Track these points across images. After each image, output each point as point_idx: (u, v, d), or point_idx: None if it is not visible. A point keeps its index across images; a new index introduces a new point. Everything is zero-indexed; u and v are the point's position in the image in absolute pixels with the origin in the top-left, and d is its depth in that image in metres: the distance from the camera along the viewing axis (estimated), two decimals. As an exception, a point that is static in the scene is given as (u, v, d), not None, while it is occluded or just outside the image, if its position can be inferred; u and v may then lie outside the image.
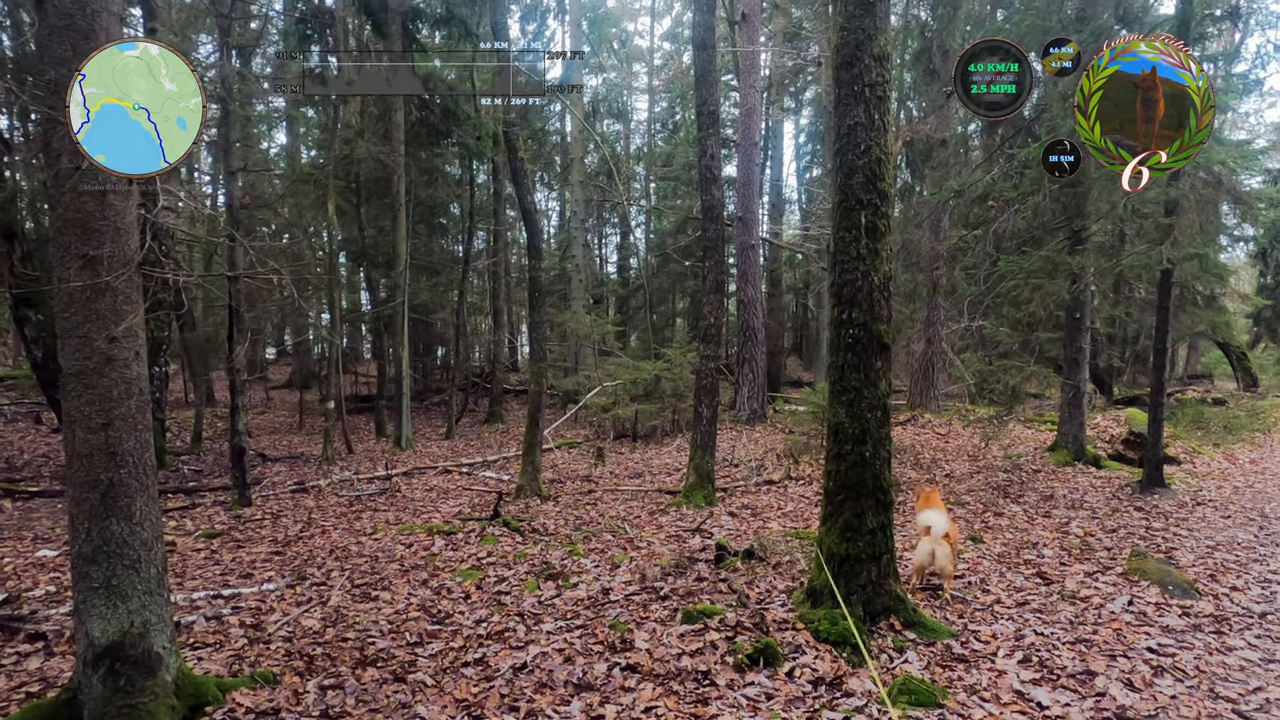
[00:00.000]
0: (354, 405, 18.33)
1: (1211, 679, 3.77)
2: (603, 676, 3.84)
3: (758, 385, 14.21)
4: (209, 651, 4.30)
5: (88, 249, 3.12)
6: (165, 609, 3.38)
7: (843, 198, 4.20)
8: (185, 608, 5.03)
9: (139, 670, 3.22)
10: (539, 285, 8.85)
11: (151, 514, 3.33)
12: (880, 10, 4.08)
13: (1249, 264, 34.19)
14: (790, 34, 19.81)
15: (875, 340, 4.19)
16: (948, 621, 4.49)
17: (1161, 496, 8.42)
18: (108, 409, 3.17)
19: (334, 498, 9.26)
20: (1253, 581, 5.47)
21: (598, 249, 30.23)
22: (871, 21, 4.06)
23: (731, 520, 7.54)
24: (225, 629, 4.66)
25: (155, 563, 3.33)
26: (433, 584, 5.54)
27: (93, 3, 3.13)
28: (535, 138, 22.68)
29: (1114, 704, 3.45)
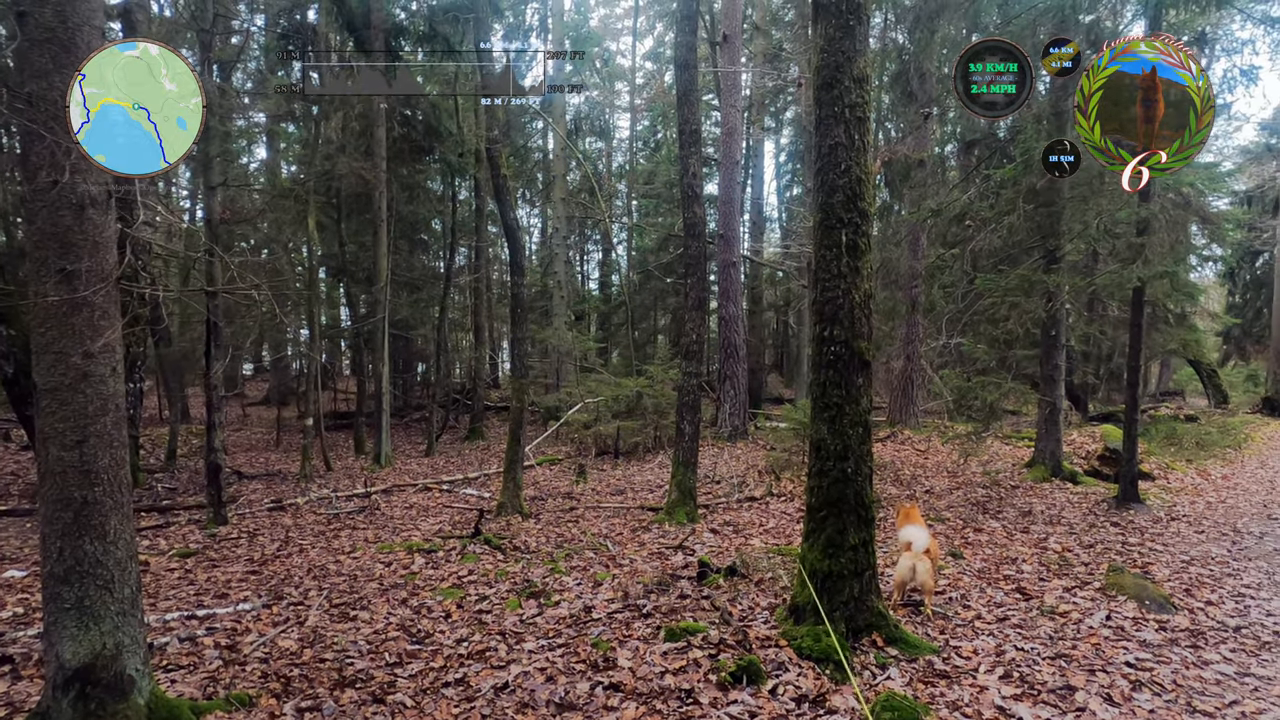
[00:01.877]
0: (333, 422, 18.13)
1: (1189, 693, 3.81)
2: (585, 696, 3.81)
3: (739, 402, 14.25)
4: (183, 674, 4.21)
5: (65, 263, 3.08)
6: (139, 630, 3.31)
7: (824, 216, 4.25)
8: (159, 629, 4.93)
9: (111, 694, 3.14)
10: (521, 301, 8.84)
11: (126, 533, 3.27)
12: (860, 33, 4.16)
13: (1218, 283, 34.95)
14: (771, 55, 20.09)
15: (856, 357, 4.23)
16: (929, 637, 4.50)
17: (1137, 512, 8.52)
18: (83, 425, 3.12)
19: (312, 516, 9.13)
20: (1227, 596, 5.55)
21: (580, 266, 30.27)
22: (851, 44, 4.13)
23: (714, 537, 7.53)
24: (200, 650, 4.57)
25: (129, 583, 3.27)
26: (412, 603, 5.47)
27: (74, 16, 3.11)
28: (517, 154, 22.75)
29: (1094, 719, 3.47)
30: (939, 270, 10.95)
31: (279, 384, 21.03)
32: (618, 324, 25.02)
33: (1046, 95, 9.44)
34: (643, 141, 28.49)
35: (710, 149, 20.80)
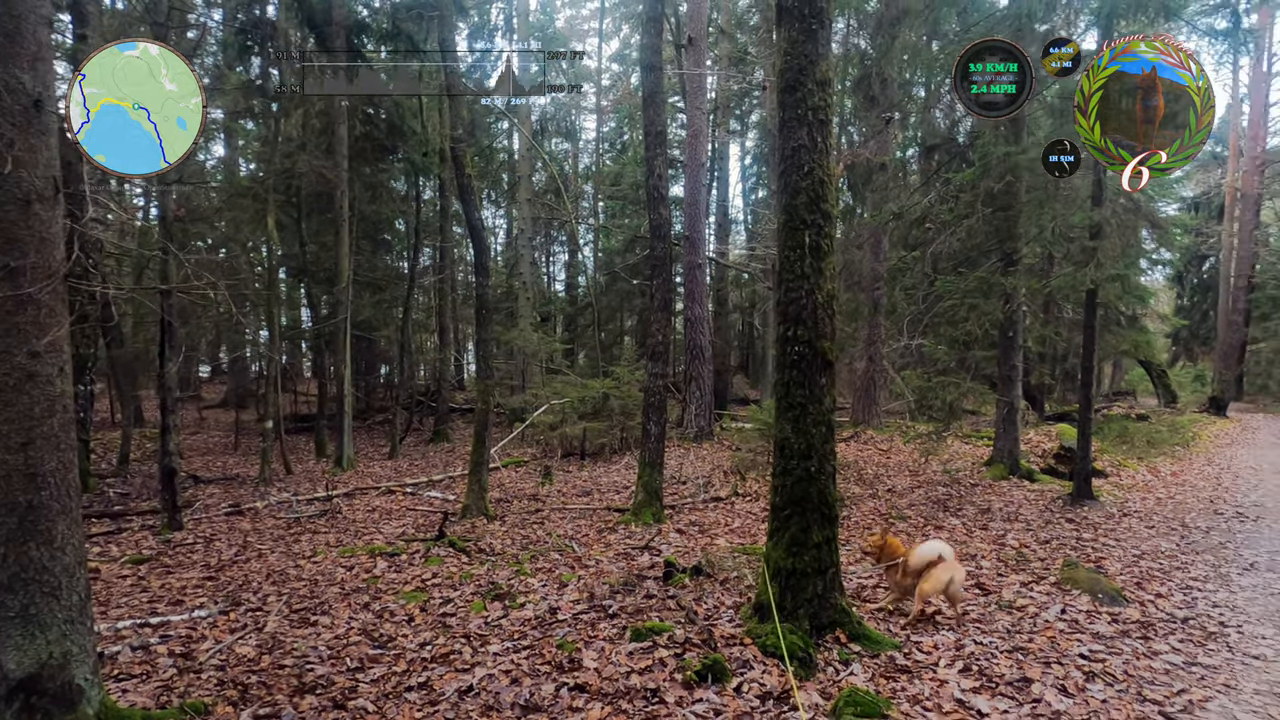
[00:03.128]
0: (293, 425, 17.80)
1: (1139, 682, 3.92)
2: (550, 697, 3.79)
3: (705, 403, 14.32)
4: (135, 683, 4.09)
5: (9, 259, 2.98)
6: (88, 639, 3.21)
7: (787, 218, 4.29)
8: (110, 637, 4.79)
9: (58, 704, 3.04)
10: (486, 302, 8.77)
11: (74, 538, 3.17)
12: (822, 37, 4.21)
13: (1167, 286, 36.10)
14: (736, 59, 20.24)
15: (820, 357, 4.27)
16: (891, 634, 4.57)
17: (1090, 508, 8.75)
18: (28, 428, 3.02)
19: (271, 520, 8.95)
20: (1175, 588, 5.72)
21: (545, 267, 30.16)
22: (814, 48, 4.18)
23: (680, 537, 7.55)
24: (153, 659, 4.45)
25: (77, 590, 3.17)
26: (375, 607, 5.39)
27: (19, 5, 3.01)
28: (483, 155, 22.60)
29: (1049, 709, 3.56)
30: (900, 272, 11.14)
31: (237, 386, 20.59)
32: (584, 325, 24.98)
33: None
34: (609, 143, 28.50)
35: (676, 151, 20.89)
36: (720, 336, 22.22)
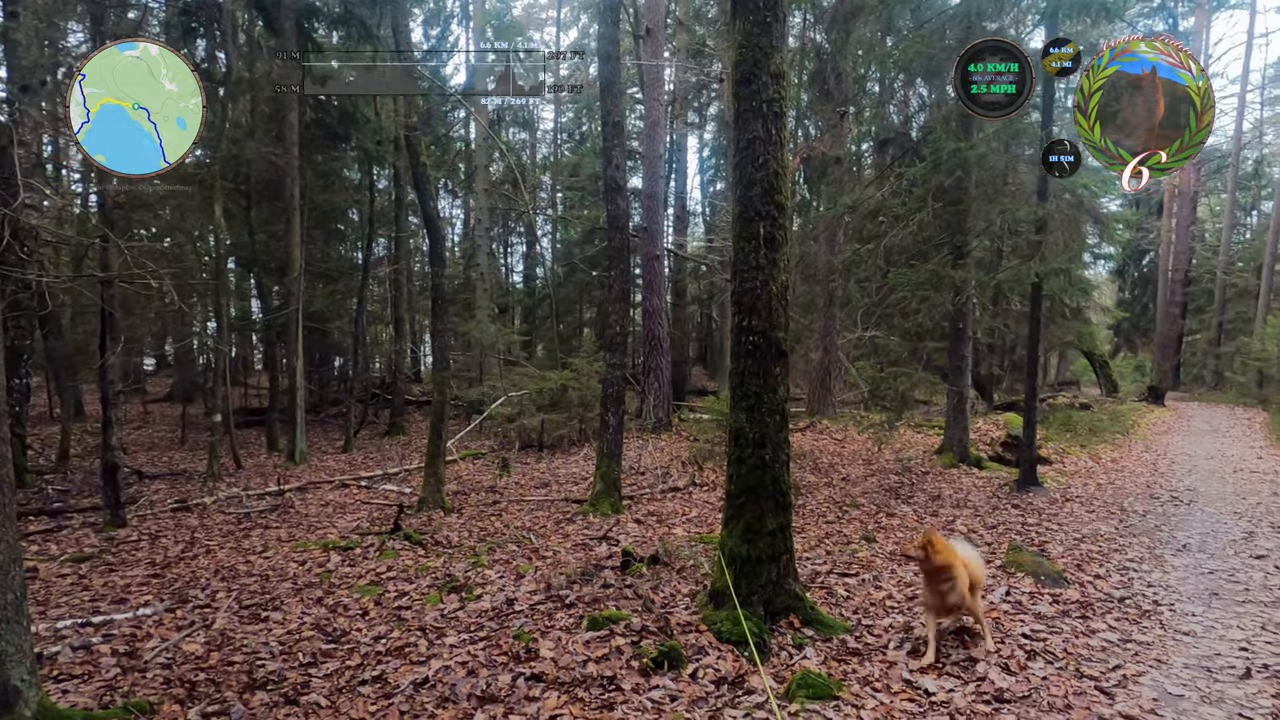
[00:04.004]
0: (244, 419, 17.35)
1: (1078, 659, 4.08)
2: (507, 687, 3.79)
3: (663, 394, 14.38)
4: (76, 683, 3.97)
5: (-65, 246, 2.86)
6: (25, 639, 3.11)
7: (742, 209, 4.33)
8: (49, 638, 4.63)
9: (-7, 706, 2.95)
10: (442, 293, 8.67)
11: (8, 536, 3.07)
12: (777, 30, 4.25)
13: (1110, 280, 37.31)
14: (694, 50, 20.26)
15: (774, 347, 4.33)
16: (844, 617, 4.67)
17: (1035, 494, 9.04)
18: (-42, 421, 2.90)
19: (220, 516, 8.74)
20: (1113, 569, 5.96)
21: (503, 258, 29.90)
22: (768, 40, 4.22)
23: (638, 527, 7.59)
24: (95, 658, 4.32)
25: (13, 589, 3.07)
26: (328, 602, 5.31)
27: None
28: (438, 144, 22.26)
29: (993, 687, 3.68)
30: (855, 265, 11.32)
31: (184, 379, 20.01)
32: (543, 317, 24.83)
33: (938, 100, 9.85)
34: (567, 134, 28.34)
35: (635, 143, 20.86)
36: (679, 328, 22.31)
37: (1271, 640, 4.47)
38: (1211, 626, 4.70)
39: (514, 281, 29.93)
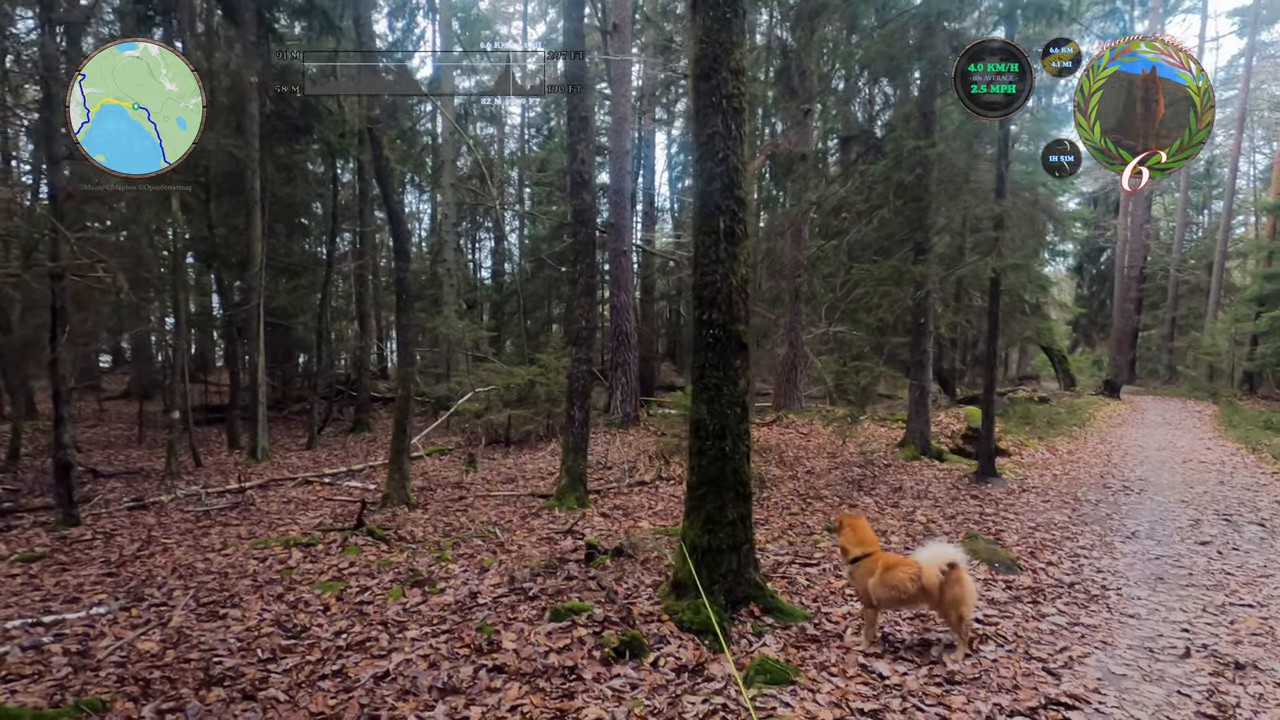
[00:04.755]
0: (204, 416, 17.01)
1: (1027, 642, 4.20)
2: (468, 679, 3.80)
3: (631, 389, 14.42)
4: (25, 683, 3.89)
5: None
6: (-30, 636, 3.04)
7: (702, 204, 4.38)
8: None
9: (-63, 706, 2.88)
10: (406, 288, 8.60)
11: (-47, 531, 3.00)
12: (736, 26, 4.29)
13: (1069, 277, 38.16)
14: (661, 47, 20.30)
15: (734, 340, 4.38)
16: (803, 605, 4.75)
17: (994, 485, 9.25)
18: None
19: (178, 514, 8.58)
20: (1065, 556, 6.13)
21: (471, 254, 29.69)
22: (728, 36, 4.26)
23: (604, 521, 7.62)
24: (46, 658, 4.23)
25: (-42, 585, 3.00)
26: (289, 598, 5.26)
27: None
28: (404, 137, 22.01)
29: (944, 670, 3.78)
30: (819, 261, 11.46)
31: (141, 376, 19.55)
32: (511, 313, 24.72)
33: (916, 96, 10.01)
34: (535, 128, 28.21)
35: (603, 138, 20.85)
36: (647, 324, 22.36)
37: (1211, 622, 4.64)
38: (1156, 609, 4.87)
39: (482, 277, 29.74)
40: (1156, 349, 30.88)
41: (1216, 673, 3.86)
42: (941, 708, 3.40)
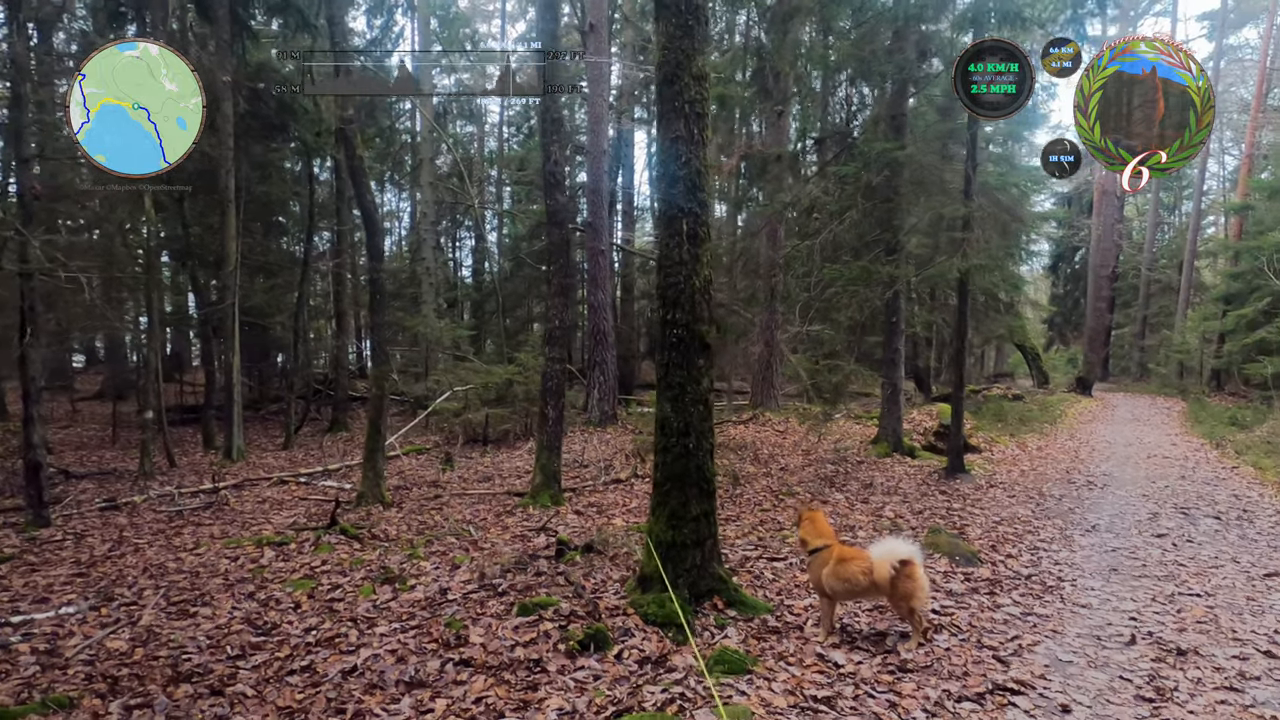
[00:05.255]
0: (179, 416, 16.88)
1: (980, 631, 4.34)
2: (435, 673, 3.87)
3: (608, 388, 14.50)
4: (-8, 682, 3.92)
5: None
6: (-65, 634, 3.08)
7: (666, 206, 4.47)
8: (-36, 639, 4.53)
9: (-99, 703, 2.91)
10: (380, 287, 8.63)
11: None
12: (698, 33, 4.38)
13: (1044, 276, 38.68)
14: (640, 47, 20.36)
15: (697, 340, 4.48)
16: (767, 599, 4.86)
17: (962, 481, 9.44)
18: None
19: (151, 514, 8.55)
20: (1024, 549, 6.30)
21: (451, 252, 29.60)
22: (690, 43, 4.36)
23: (578, 518, 7.70)
24: (13, 657, 4.25)
25: (-78, 584, 3.03)
26: (260, 596, 5.30)
27: None
28: (383, 135, 21.94)
29: (898, 659, 3.90)
30: (794, 260, 11.59)
31: (115, 377, 19.34)
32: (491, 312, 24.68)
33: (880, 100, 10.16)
34: (515, 127, 28.16)
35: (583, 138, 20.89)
36: (626, 323, 22.45)
37: (1159, 611, 4.81)
38: (1107, 599, 5.03)
39: (463, 276, 29.66)
40: (1129, 347, 31.39)
41: (1159, 659, 4.01)
42: (892, 694, 3.52)
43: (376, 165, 24.57)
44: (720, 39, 19.19)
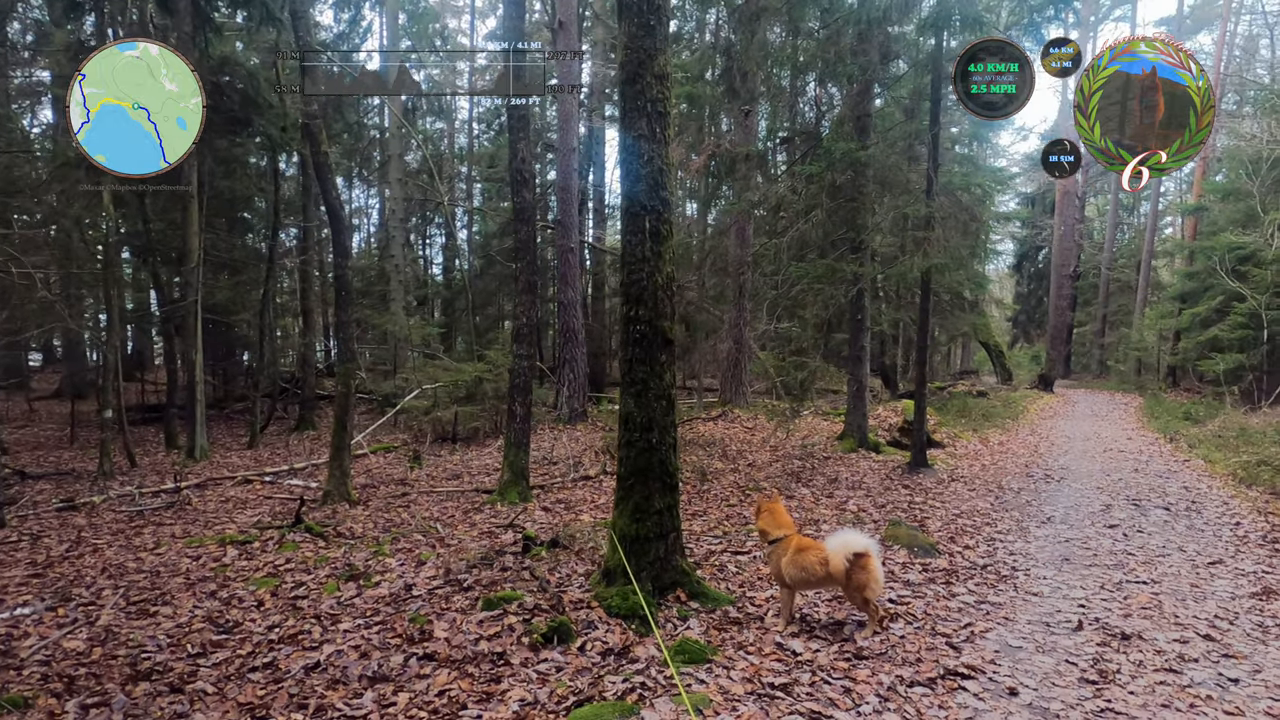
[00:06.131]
0: (140, 416, 16.58)
1: (934, 619, 4.46)
2: (399, 667, 3.89)
3: (578, 385, 14.52)
4: (-56, 684, 3.85)
5: None
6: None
7: (629, 204, 4.52)
8: (-86, 641, 4.44)
9: None
10: (346, 284, 8.56)
11: None
12: (660, 33, 4.44)
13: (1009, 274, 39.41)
14: (611, 45, 20.38)
15: (660, 336, 4.54)
16: (730, 591, 4.94)
17: (925, 475, 9.63)
18: None
19: (111, 514, 8.41)
20: (982, 541, 6.46)
21: (421, 250, 29.37)
22: (652, 43, 4.41)
23: (545, 515, 7.72)
24: (-35, 659, 4.18)
25: None
26: (222, 595, 5.26)
27: None
28: (350, 131, 21.71)
29: (854, 646, 4.00)
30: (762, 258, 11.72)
31: (73, 375, 18.93)
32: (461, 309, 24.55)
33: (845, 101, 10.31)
34: (485, 124, 28.02)
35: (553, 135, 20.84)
36: (597, 320, 22.46)
37: (1107, 598, 4.98)
38: (1058, 587, 5.19)
39: (433, 274, 29.43)
40: (1089, 344, 32.14)
41: (1104, 643, 4.16)
42: (848, 680, 3.61)
43: (344, 161, 24.33)
44: (690, 38, 19.27)
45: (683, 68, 13.72)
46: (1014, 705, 3.42)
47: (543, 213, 21.48)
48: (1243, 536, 6.66)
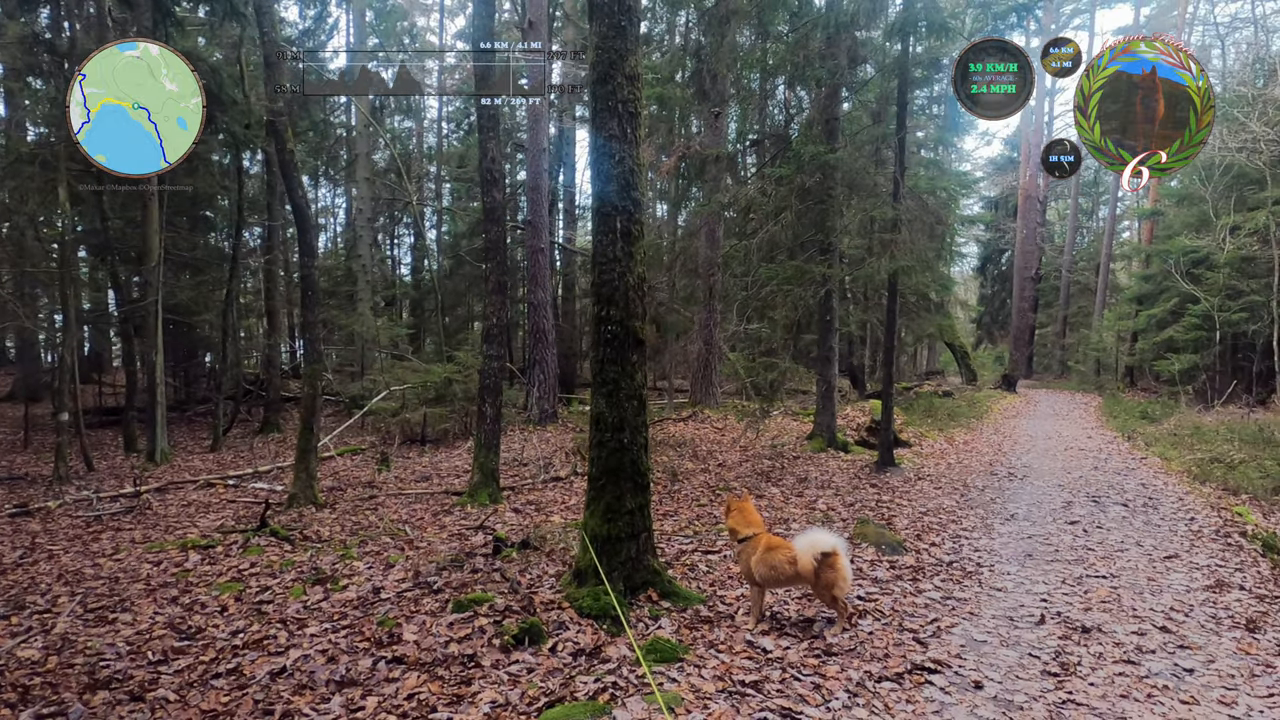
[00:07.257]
0: (98, 419, 16.15)
1: (901, 615, 4.52)
2: (367, 671, 3.84)
3: (549, 386, 14.47)
4: (-110, 696, 3.72)
5: None
6: None
7: (600, 204, 4.52)
8: None
9: None
10: (312, 284, 8.44)
11: None
12: (631, 33, 4.45)
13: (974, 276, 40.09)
14: (581, 45, 20.34)
15: (631, 336, 4.55)
16: (701, 590, 4.96)
17: (892, 474, 9.76)
18: None
19: (67, 520, 8.18)
20: (947, 538, 6.57)
21: (390, 250, 29.02)
22: (623, 43, 4.42)
23: (516, 516, 7.69)
24: (-87, 670, 4.04)
25: None
26: (184, 600, 5.14)
27: None
28: (316, 129, 21.40)
29: (824, 644, 4.04)
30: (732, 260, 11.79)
31: (27, 377, 18.39)
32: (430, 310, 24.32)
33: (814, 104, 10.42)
34: (455, 123, 27.80)
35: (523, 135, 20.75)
36: (568, 321, 22.42)
37: (1068, 592, 5.09)
38: (1022, 583, 5.30)
39: (401, 274, 29.10)
40: (1051, 345, 32.81)
41: (1065, 636, 4.26)
42: (817, 676, 3.65)
43: (310, 160, 23.95)
44: (661, 39, 19.33)
45: (653, 69, 13.75)
46: (979, 698, 3.49)
47: (513, 213, 21.37)
48: (1197, 531, 6.86)
